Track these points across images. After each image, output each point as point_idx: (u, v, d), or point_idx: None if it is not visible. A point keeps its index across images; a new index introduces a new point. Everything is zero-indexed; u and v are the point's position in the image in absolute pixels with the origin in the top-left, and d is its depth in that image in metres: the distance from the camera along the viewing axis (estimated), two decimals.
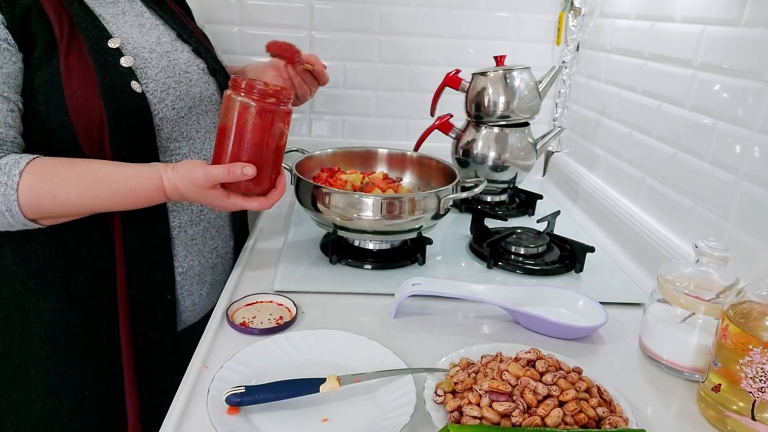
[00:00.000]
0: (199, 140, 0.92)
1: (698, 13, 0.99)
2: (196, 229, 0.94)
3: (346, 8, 1.51)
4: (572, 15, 1.49)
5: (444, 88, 1.32)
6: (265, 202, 0.81)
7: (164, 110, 0.85)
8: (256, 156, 0.78)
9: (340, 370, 0.69)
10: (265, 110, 0.77)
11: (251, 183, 0.79)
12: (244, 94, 0.77)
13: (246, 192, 0.80)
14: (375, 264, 1.00)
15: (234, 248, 1.06)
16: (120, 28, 0.85)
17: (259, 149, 0.78)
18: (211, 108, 0.94)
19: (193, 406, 0.65)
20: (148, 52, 0.86)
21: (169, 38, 0.91)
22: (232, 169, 0.76)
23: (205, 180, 0.76)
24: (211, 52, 0.98)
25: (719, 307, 0.67)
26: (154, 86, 0.84)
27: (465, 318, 0.87)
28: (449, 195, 0.97)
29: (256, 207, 0.81)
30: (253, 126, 0.77)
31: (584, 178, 1.38)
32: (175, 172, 0.77)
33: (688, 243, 0.98)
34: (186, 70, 0.90)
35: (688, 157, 0.99)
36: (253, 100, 0.76)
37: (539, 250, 1.04)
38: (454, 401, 0.63)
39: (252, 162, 0.77)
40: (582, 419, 0.60)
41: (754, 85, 0.84)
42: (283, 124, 0.79)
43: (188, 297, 0.95)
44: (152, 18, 0.92)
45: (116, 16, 0.86)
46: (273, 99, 0.77)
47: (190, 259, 0.94)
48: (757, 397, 0.60)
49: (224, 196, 0.79)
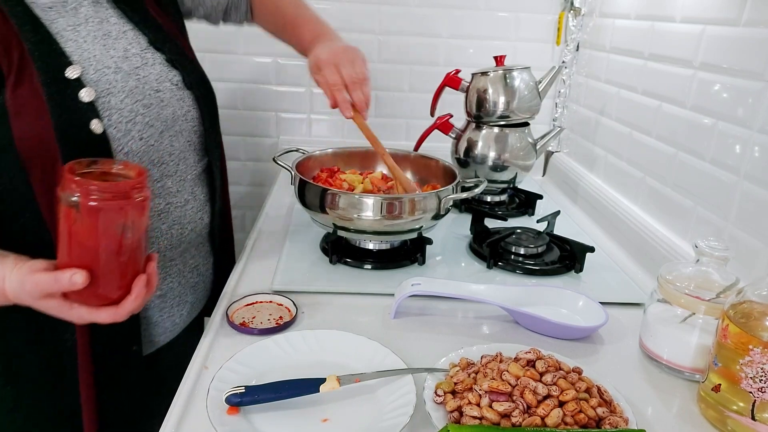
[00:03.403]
0: (173, 163, 0.84)
1: (698, 13, 0.99)
2: (175, 252, 0.87)
3: (346, 8, 1.51)
4: (572, 15, 1.49)
5: (444, 88, 1.31)
6: (116, 313, 0.65)
7: (130, 143, 0.76)
8: (90, 261, 0.62)
9: (340, 370, 0.69)
10: (95, 209, 0.60)
11: (91, 292, 0.63)
12: (68, 190, 0.60)
13: (87, 302, 0.65)
14: (375, 264, 0.99)
15: (214, 264, 0.99)
16: (80, 45, 0.74)
17: (95, 253, 0.62)
18: (186, 127, 0.85)
19: (193, 406, 0.65)
20: (113, 73, 0.76)
21: (138, 48, 0.81)
22: (58, 277, 0.61)
23: (33, 289, 0.63)
24: (189, 58, 0.88)
25: (719, 307, 0.67)
26: (118, 118, 0.74)
27: (465, 318, 0.87)
28: (449, 195, 0.97)
29: (105, 319, 0.65)
30: (83, 227, 0.61)
31: (584, 178, 1.38)
32: (12, 275, 0.64)
33: (688, 243, 0.98)
34: (157, 89, 0.80)
35: (688, 157, 0.99)
36: (79, 197, 0.60)
37: (539, 250, 1.04)
38: (454, 401, 0.63)
39: (85, 267, 0.62)
40: (582, 419, 0.60)
41: (754, 85, 0.84)
42: (129, 219, 0.63)
43: (168, 318, 0.89)
44: (119, 23, 0.80)
45: (77, 27, 0.75)
46: (104, 195, 0.60)
47: (169, 281, 0.88)
48: (758, 397, 0.60)
49: (66, 307, 0.64)
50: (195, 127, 0.87)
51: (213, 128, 0.92)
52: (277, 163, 1.06)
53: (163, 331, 0.90)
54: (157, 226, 0.83)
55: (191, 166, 0.88)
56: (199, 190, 0.90)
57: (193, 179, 0.89)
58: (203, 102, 0.88)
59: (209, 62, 1.54)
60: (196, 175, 0.89)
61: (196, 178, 0.89)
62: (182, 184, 0.86)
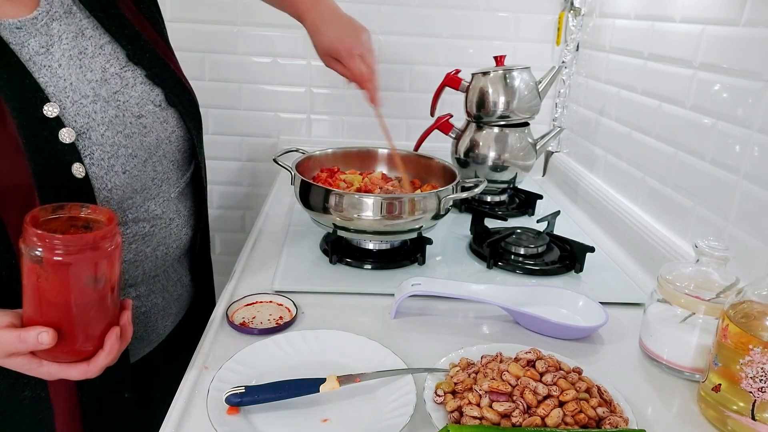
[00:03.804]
0: (155, 186, 0.79)
1: (698, 13, 0.99)
2: (159, 270, 0.85)
3: (346, 8, 1.50)
4: (572, 15, 1.49)
5: (444, 88, 1.32)
6: (88, 370, 0.61)
7: (113, 179, 0.72)
8: (56, 317, 0.58)
9: (340, 370, 0.69)
10: (60, 264, 0.56)
11: (60, 349, 0.60)
12: (30, 244, 0.56)
13: (57, 359, 0.61)
14: (375, 264, 1.00)
15: (190, 269, 0.95)
16: (55, 72, 0.68)
17: (63, 309, 0.58)
18: (170, 149, 0.80)
19: (193, 406, 0.65)
20: (91, 103, 0.70)
21: (117, 66, 0.74)
22: (24, 336, 0.57)
23: None
24: (170, 69, 0.81)
25: (719, 306, 0.67)
26: (100, 155, 0.70)
27: (465, 318, 0.87)
28: (449, 195, 0.97)
29: (77, 376, 0.62)
30: (48, 283, 0.57)
31: (584, 178, 1.38)
32: None
33: (688, 243, 0.98)
34: (138, 114, 0.75)
35: (688, 157, 0.99)
36: (42, 251, 0.55)
37: (539, 250, 1.04)
38: (454, 401, 0.63)
39: (52, 324, 0.58)
40: (582, 419, 0.60)
41: (753, 85, 0.84)
42: (99, 271, 0.59)
43: (153, 331, 0.87)
44: (95, 35, 0.73)
45: (50, 48, 0.68)
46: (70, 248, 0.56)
47: (154, 297, 0.85)
48: (758, 397, 0.60)
49: (35, 364, 0.61)
50: (180, 146, 0.83)
51: (198, 140, 0.87)
52: (277, 163, 1.06)
53: (147, 344, 0.88)
54: (142, 250, 0.79)
55: (174, 184, 0.84)
56: (183, 206, 0.87)
57: (177, 196, 0.85)
58: (188, 118, 0.82)
59: (209, 62, 1.55)
60: (179, 191, 0.86)
61: (179, 194, 0.86)
62: (166, 204, 0.83)
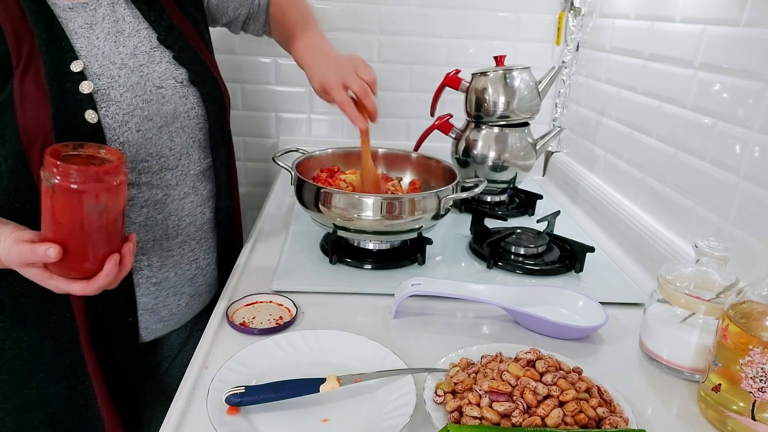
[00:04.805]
0: (173, 157, 0.87)
1: (698, 13, 0.99)
2: (173, 243, 0.90)
3: (346, 8, 1.51)
4: (572, 15, 1.49)
5: (444, 88, 1.31)
6: (86, 287, 0.70)
7: (126, 134, 0.80)
8: (64, 236, 0.67)
9: (340, 370, 0.69)
10: (69, 191, 0.65)
11: (66, 265, 0.69)
12: (47, 171, 0.66)
13: (63, 274, 0.70)
14: (375, 264, 0.99)
15: (217, 259, 1.01)
16: (92, 42, 0.79)
17: (69, 230, 0.67)
18: (188, 123, 0.87)
19: (193, 406, 0.65)
20: (117, 69, 0.80)
21: (148, 46, 0.84)
22: (35, 249, 0.66)
23: (16, 257, 0.68)
24: (199, 57, 0.90)
25: (719, 307, 0.67)
26: (115, 110, 0.78)
27: (465, 318, 0.87)
28: (449, 195, 0.97)
29: (77, 291, 0.70)
30: (59, 206, 0.66)
31: (584, 178, 1.38)
32: (5, 242, 0.70)
33: (688, 243, 0.98)
34: (159, 85, 0.83)
35: (688, 157, 0.99)
36: (55, 177, 0.65)
37: (539, 250, 1.04)
38: (454, 401, 0.63)
39: (61, 242, 0.67)
40: (582, 419, 0.60)
41: (754, 85, 0.84)
42: (102, 201, 0.67)
43: (164, 307, 0.92)
44: (134, 22, 0.84)
45: (93, 26, 0.80)
46: (78, 178, 0.65)
47: (165, 271, 0.90)
48: (758, 397, 0.60)
49: (46, 276, 0.69)
50: (200, 124, 0.89)
51: (219, 126, 0.93)
52: (277, 163, 1.06)
53: (159, 319, 0.92)
54: (152, 215, 0.86)
55: (195, 162, 0.90)
56: (202, 186, 0.93)
57: (196, 175, 0.91)
58: (209, 99, 0.89)
59: None
60: (200, 171, 0.92)
61: (200, 174, 0.92)
62: (183, 179, 0.89)
